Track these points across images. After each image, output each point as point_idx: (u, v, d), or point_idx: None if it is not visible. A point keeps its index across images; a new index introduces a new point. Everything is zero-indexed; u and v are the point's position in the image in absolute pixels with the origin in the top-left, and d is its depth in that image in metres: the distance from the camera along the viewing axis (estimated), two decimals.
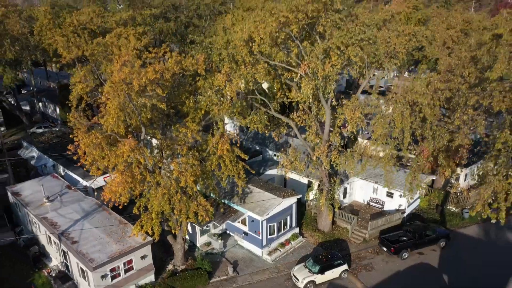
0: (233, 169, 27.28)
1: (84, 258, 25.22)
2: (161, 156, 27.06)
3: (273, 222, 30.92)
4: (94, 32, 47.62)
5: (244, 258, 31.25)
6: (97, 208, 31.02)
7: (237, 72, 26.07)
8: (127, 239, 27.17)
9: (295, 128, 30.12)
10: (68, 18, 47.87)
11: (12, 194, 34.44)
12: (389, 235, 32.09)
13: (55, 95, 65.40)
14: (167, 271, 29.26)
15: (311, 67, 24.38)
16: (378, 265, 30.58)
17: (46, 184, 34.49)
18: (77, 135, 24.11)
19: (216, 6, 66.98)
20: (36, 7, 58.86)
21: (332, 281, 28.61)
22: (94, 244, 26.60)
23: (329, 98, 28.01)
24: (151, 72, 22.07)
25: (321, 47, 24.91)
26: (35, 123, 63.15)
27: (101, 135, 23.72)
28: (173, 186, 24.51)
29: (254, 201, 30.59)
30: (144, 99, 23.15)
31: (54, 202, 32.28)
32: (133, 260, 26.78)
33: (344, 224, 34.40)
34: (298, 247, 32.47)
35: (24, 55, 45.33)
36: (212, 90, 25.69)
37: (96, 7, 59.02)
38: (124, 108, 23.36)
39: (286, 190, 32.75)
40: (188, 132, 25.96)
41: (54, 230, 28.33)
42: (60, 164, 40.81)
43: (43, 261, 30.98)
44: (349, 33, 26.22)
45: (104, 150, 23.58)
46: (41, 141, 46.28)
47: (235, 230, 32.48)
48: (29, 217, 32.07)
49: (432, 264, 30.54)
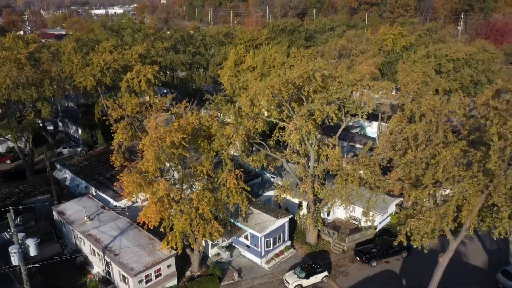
0: (238, 198, 35.13)
1: (126, 267, 33.20)
2: (182, 188, 35.00)
3: (269, 238, 38.92)
4: (117, 70, 55.55)
5: (247, 266, 39.25)
6: (129, 226, 38.99)
7: (241, 124, 34.08)
8: (156, 252, 35.13)
9: (286, 165, 38.13)
10: (94, 58, 55.76)
11: (58, 213, 42.39)
12: (362, 247, 40.15)
13: (76, 116, 73.21)
14: (186, 277, 37.26)
15: (297, 124, 32.37)
16: (352, 271, 38.60)
17: (84, 204, 42.48)
18: (123, 177, 31.91)
19: (219, 37, 75.06)
20: (63, 42, 66.29)
21: (316, 284, 36.59)
22: (131, 256, 34.56)
23: (313, 143, 35.97)
24: (180, 133, 29.98)
25: (305, 108, 32.94)
26: (58, 142, 70.98)
27: (140, 176, 31.66)
28: (193, 212, 32.41)
29: (255, 222, 38.58)
30: (173, 149, 31.08)
31: (93, 220, 40.23)
32: (161, 268, 34.75)
33: (327, 238, 42.44)
34: (290, 257, 40.49)
35: (59, 92, 52.92)
36: (223, 138, 33.63)
37: (114, 40, 67.17)
38: (158, 157, 31.26)
39: (280, 211, 40.81)
40: (204, 169, 33.94)
41: (98, 245, 36.31)
42: (92, 186, 48.74)
43: (87, 268, 38.96)
44: (328, 94, 34.19)
45: (143, 187, 31.52)
46: (72, 164, 54.17)
47: (239, 244, 40.48)
48: (74, 233, 40.02)
49: (395, 270, 38.59)
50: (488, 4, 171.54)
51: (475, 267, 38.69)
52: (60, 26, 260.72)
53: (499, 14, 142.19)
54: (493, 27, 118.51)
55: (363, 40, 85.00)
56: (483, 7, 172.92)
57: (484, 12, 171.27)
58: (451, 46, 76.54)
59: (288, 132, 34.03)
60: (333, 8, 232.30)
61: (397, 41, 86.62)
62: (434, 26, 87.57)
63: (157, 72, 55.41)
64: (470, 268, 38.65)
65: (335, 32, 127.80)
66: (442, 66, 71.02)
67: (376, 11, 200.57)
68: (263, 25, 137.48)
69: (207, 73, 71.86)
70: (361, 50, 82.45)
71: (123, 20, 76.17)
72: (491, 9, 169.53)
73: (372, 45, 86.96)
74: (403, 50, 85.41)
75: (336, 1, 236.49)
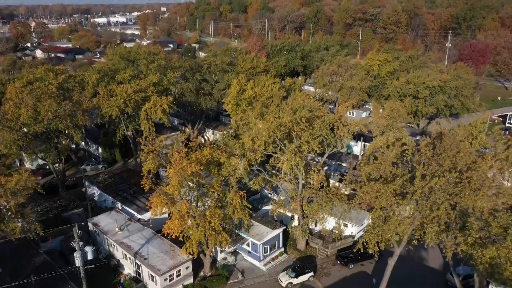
0: (242, 213, 44.38)
1: (154, 268, 42.42)
2: (197, 205, 44.25)
3: (267, 245, 48.15)
4: (137, 100, 65.02)
5: (248, 268, 48.43)
6: (153, 236, 48.21)
7: (244, 155, 43.47)
8: (177, 256, 44.34)
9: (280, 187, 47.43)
10: (118, 90, 65.17)
11: (93, 225, 51.59)
12: (342, 252, 49.42)
13: (96, 135, 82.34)
14: (200, 276, 46.45)
15: (288, 158, 41.79)
16: (333, 272, 47.81)
17: (114, 217, 51.75)
18: (152, 198, 41.19)
19: (224, 66, 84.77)
20: (87, 73, 75.72)
21: (304, 282, 45.78)
22: (157, 259, 43.76)
23: (301, 170, 45.34)
24: (198, 165, 39.33)
25: (295, 144, 42.36)
26: (80, 159, 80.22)
27: (166, 197, 40.95)
28: (207, 225, 41.66)
29: (255, 232, 47.86)
30: (192, 177, 40.41)
31: (123, 231, 49.44)
32: (181, 269, 43.93)
33: (314, 245, 51.69)
34: (283, 260, 49.70)
35: (89, 121, 62.22)
36: (230, 167, 43.01)
37: (131, 71, 76.69)
38: (181, 183, 40.56)
39: (276, 223, 50.09)
40: (215, 191, 43.27)
41: (130, 251, 45.54)
42: (118, 201, 57.97)
43: (119, 270, 48.12)
44: (313, 131, 43.61)
45: (169, 206, 40.82)
46: (99, 181, 63.41)
47: (242, 250, 49.68)
48: (108, 241, 49.17)
49: (368, 272, 47.81)
50: (475, 23, 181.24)
51: (431, 269, 47.96)
52: (67, 38, 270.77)
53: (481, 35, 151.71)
54: (474, 49, 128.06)
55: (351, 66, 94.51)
56: (470, 25, 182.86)
57: (472, 29, 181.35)
58: (429, 73, 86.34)
59: (281, 163, 43.40)
60: (329, 22, 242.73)
61: (383, 67, 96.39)
62: (416, 53, 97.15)
63: (171, 102, 64.92)
64: (426, 270, 47.87)
65: (329, 52, 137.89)
66: (420, 92, 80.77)
67: (370, 26, 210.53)
68: (262, 44, 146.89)
69: (212, 98, 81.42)
70: (350, 74, 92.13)
71: (139, 51, 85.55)
72: (478, 27, 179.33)
73: (360, 70, 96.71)
74: (388, 75, 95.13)
75: (332, 15, 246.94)
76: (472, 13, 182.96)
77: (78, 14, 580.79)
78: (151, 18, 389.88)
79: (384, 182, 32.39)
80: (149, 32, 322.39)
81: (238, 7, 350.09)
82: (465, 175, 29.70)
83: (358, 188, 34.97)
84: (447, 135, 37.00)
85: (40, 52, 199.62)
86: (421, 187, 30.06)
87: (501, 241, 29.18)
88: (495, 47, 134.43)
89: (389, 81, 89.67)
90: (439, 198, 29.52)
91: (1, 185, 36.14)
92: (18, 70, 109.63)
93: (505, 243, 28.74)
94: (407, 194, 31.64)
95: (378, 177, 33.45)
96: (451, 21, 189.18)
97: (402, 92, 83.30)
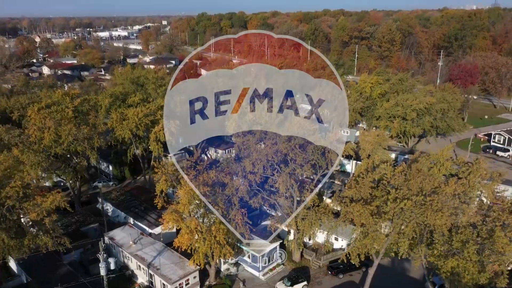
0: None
1: (166, 277, 48.10)
2: (203, 221, 50.06)
3: (265, 257, 53.86)
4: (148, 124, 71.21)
5: (249, 277, 54.07)
6: (164, 249, 53.91)
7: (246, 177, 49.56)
8: (186, 267, 50.02)
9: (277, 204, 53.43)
10: (130, 113, 71.36)
11: (109, 238, 57.29)
12: (333, 263, 55.10)
13: (106, 154, 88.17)
14: (205, 285, 52.07)
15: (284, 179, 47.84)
16: (325, 281, 53.44)
17: (127, 231, 57.53)
18: (165, 215, 47.06)
19: None
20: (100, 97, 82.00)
21: None
22: (168, 270, 49.45)
23: (295, 190, 51.29)
24: (206, 187, 45.31)
25: (289, 168, 48.39)
26: (92, 177, 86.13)
27: (177, 215, 46.80)
28: (212, 240, 47.43)
29: (255, 245, 53.65)
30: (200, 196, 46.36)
31: (137, 244, 55.17)
32: (189, 278, 49.58)
33: (308, 257, 57.38)
34: (280, 271, 55.36)
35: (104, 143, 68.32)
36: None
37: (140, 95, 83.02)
38: (190, 202, 46.45)
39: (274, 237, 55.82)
40: (219, 208, 49.12)
41: (143, 262, 51.24)
42: (130, 217, 63.75)
43: (133, 279, 53.71)
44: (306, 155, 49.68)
45: (179, 222, 46.67)
46: (112, 198, 69.25)
47: (243, 261, 55.35)
48: (123, 253, 54.85)
49: (355, 281, 53.46)
50: (466, 42, 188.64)
51: (412, 278, 53.63)
52: (71, 54, 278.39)
53: (471, 55, 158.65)
54: (463, 69, 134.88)
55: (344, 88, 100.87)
56: (462, 44, 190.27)
57: (463, 48, 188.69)
58: (417, 95, 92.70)
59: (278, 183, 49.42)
60: (327, 40, 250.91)
61: (374, 89, 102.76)
62: (405, 76, 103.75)
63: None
64: (408, 279, 53.53)
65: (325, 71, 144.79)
66: (407, 114, 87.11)
67: (365, 44, 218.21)
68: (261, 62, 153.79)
69: None
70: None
71: (148, 76, 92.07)
72: (469, 46, 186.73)
73: (353, 91, 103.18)
74: (379, 97, 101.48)
75: (330, 32, 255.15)
76: (463, 32, 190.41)
77: (80, 28, 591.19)
78: (153, 33, 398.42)
79: (363, 203, 38.38)
80: (151, 47, 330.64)
81: (238, 23, 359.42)
82: (428, 199, 35.69)
83: (343, 207, 40.95)
84: (419, 161, 43.08)
85: (47, 69, 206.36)
86: (393, 208, 36.02)
87: (460, 253, 35.05)
88: (483, 67, 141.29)
89: (380, 102, 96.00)
90: (407, 217, 35.49)
91: (37, 205, 41.96)
92: (31, 90, 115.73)
93: (463, 255, 34.60)
94: (383, 214, 37.56)
95: (360, 198, 39.44)
96: (443, 40, 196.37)
97: (392, 113, 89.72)
